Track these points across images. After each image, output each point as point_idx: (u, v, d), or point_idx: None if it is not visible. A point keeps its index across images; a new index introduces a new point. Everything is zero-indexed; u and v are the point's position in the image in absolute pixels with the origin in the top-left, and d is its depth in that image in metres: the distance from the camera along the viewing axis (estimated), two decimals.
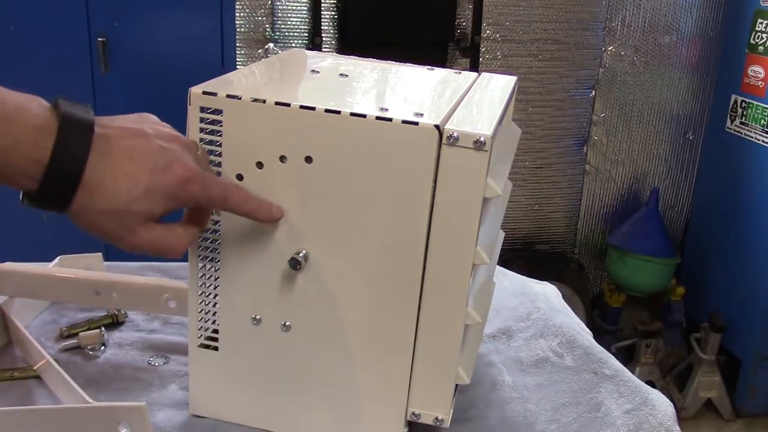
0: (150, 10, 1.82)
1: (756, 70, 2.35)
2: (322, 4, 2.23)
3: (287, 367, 0.67)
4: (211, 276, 0.66)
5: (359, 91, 0.68)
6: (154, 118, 0.57)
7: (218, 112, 0.60)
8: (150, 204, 0.52)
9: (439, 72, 0.78)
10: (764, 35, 2.32)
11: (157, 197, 0.52)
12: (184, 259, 0.66)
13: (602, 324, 2.65)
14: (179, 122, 0.62)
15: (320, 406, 0.68)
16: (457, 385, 0.67)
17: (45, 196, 0.50)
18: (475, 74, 0.77)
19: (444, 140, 0.57)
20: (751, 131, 2.39)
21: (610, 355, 0.86)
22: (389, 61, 0.79)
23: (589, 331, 0.93)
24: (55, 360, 0.73)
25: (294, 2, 2.25)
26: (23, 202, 0.51)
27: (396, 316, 0.63)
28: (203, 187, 0.55)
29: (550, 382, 0.80)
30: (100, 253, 0.94)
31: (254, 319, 0.66)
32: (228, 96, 0.60)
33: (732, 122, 2.48)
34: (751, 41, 2.37)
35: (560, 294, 1.03)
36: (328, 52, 2.26)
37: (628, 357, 2.52)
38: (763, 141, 2.34)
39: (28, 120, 0.48)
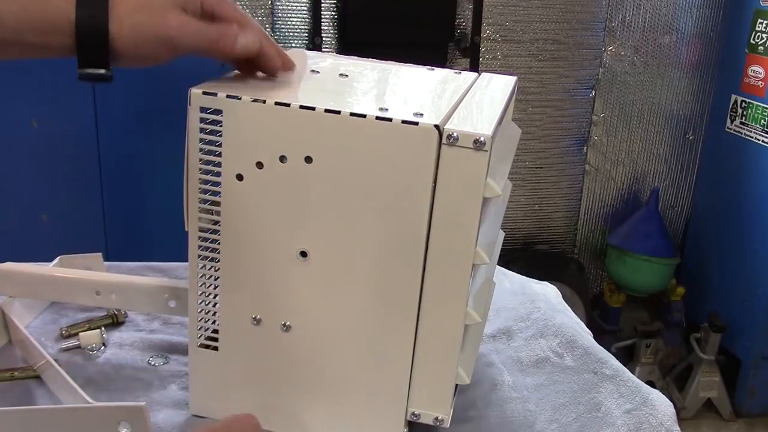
0: None
1: (756, 70, 2.35)
2: (322, 4, 2.23)
3: (287, 367, 0.67)
4: (211, 276, 0.66)
5: (359, 91, 0.68)
6: None
7: (218, 112, 0.60)
8: None
9: (439, 72, 0.78)
10: (764, 35, 2.32)
11: None
12: (184, 258, 0.66)
13: (602, 324, 2.65)
14: (179, 122, 0.62)
15: (320, 406, 0.68)
16: (457, 385, 0.67)
17: (85, 25, 0.56)
18: (475, 74, 0.77)
19: (444, 140, 0.57)
20: (751, 131, 2.39)
21: (610, 355, 0.86)
22: (389, 61, 0.79)
23: (589, 331, 0.93)
24: (55, 360, 0.73)
25: (294, 2, 2.24)
26: (79, 73, 0.58)
27: (396, 315, 0.63)
28: None
29: (550, 382, 0.80)
30: (100, 253, 0.94)
31: (254, 319, 0.66)
32: (228, 96, 0.60)
33: (732, 122, 2.48)
34: (751, 41, 2.37)
35: (560, 294, 1.03)
36: (328, 52, 2.26)
37: (628, 357, 2.52)
38: (763, 141, 2.34)
39: None
